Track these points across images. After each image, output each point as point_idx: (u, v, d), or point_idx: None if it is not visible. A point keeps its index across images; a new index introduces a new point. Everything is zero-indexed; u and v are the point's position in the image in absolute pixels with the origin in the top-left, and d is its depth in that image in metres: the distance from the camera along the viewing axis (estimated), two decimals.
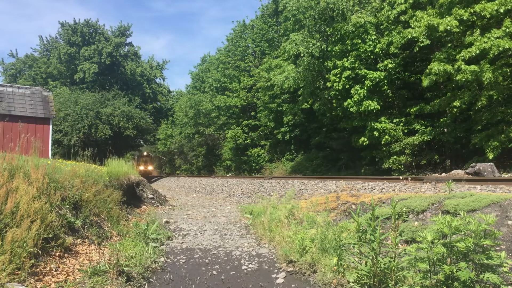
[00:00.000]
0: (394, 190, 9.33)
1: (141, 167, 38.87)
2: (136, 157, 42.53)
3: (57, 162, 9.17)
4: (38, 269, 4.43)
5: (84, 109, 35.39)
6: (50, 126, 16.35)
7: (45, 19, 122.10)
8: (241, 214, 11.00)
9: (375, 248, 3.98)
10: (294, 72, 20.13)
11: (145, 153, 44.32)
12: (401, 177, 10.74)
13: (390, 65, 16.21)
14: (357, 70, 16.45)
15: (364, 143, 17.27)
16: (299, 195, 11.72)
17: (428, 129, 16.13)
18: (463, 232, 3.50)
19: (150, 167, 42.25)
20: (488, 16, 12.73)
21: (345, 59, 16.77)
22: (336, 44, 17.34)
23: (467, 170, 10.37)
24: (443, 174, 12.46)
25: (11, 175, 5.65)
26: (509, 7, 12.38)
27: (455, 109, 14.28)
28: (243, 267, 5.87)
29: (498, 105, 13.84)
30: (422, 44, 14.82)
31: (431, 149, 17.07)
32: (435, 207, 5.69)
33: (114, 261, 5.00)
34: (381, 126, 16.37)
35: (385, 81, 16.67)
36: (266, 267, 5.86)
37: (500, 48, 12.02)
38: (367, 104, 15.98)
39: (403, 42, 15.59)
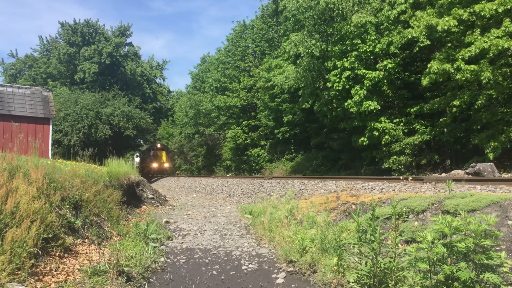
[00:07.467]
0: (394, 190, 9.31)
1: (155, 164, 33.37)
2: (142, 152, 36.51)
3: (57, 162, 9.17)
4: (38, 269, 4.43)
5: (84, 109, 35.40)
6: (50, 126, 16.35)
7: (45, 18, 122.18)
8: (241, 214, 10.99)
9: (375, 248, 3.98)
10: (294, 72, 20.13)
11: (158, 145, 35.81)
12: (401, 177, 10.72)
13: (389, 65, 16.21)
14: (356, 70, 16.46)
15: (364, 143, 17.27)
16: (299, 195, 11.71)
17: (428, 129, 16.13)
18: (463, 232, 3.50)
19: (166, 164, 33.92)
20: (488, 16, 12.74)
21: (345, 59, 16.76)
22: (336, 44, 17.33)
23: (467, 170, 10.37)
24: (443, 174, 12.45)
25: (11, 175, 5.65)
26: (509, 7, 12.39)
27: (455, 109, 14.28)
28: (243, 267, 5.87)
29: (497, 105, 13.85)
30: (422, 45, 14.81)
31: (431, 149, 17.07)
32: (435, 207, 5.69)
33: (114, 261, 5.00)
34: (381, 126, 16.37)
35: (385, 81, 16.67)
36: (266, 267, 5.86)
37: (499, 48, 12.04)
38: (367, 105, 15.99)
39: (403, 42, 15.59)
